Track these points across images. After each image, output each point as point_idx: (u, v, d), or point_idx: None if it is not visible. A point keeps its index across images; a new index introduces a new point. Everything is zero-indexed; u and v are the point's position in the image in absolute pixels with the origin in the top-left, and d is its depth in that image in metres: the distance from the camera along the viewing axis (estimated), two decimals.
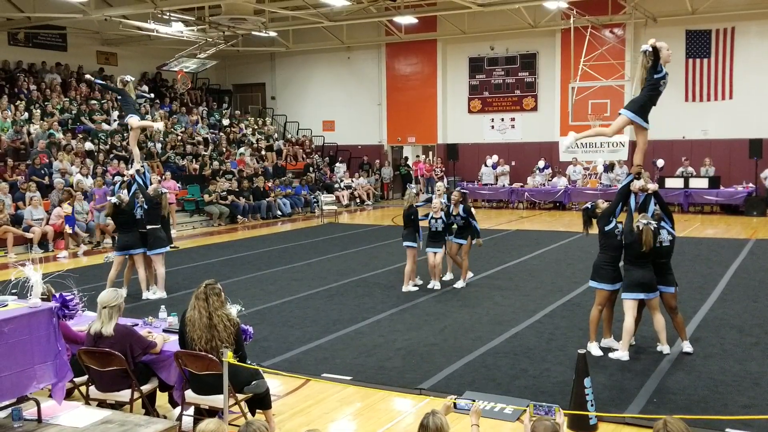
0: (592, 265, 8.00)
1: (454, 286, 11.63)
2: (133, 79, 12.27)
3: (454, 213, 11.52)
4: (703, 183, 22.25)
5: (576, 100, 23.11)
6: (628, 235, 7.57)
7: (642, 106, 7.63)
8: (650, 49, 7.41)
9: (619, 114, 7.79)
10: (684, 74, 23.95)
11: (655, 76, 7.51)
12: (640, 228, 7.48)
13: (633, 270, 7.63)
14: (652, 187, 7.81)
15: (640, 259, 7.57)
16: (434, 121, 28.66)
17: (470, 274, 12.03)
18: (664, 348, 7.83)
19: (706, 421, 5.88)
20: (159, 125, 13.44)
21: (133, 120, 11.83)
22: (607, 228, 7.76)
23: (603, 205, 8.10)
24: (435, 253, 11.49)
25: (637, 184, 7.72)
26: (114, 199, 11.11)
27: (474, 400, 4.66)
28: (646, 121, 7.68)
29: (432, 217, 11.44)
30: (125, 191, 11.49)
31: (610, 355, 7.73)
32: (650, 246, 7.46)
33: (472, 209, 11.77)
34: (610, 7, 23.79)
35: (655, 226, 7.60)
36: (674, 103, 24.18)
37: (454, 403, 4.69)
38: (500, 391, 6.79)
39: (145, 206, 11.07)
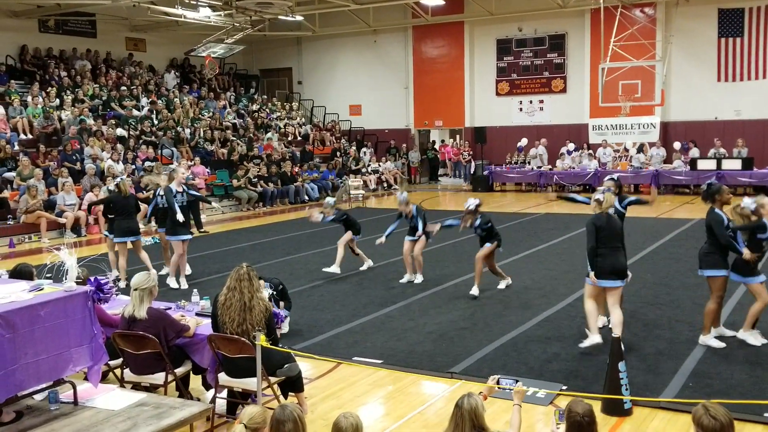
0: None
1: (498, 287, 10.88)
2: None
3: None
4: (735, 164, 21.82)
5: (606, 81, 22.75)
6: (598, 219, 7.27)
7: None
8: None
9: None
10: (716, 54, 23.44)
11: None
12: (600, 199, 7.29)
13: (606, 256, 7.18)
14: None
15: (609, 244, 7.19)
16: (462, 104, 28.44)
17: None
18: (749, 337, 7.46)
19: (744, 406, 5.78)
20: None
21: None
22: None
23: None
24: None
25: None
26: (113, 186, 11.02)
27: (517, 380, 4.67)
28: None
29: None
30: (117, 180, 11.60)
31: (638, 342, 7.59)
32: (611, 204, 7.33)
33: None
34: None
35: (611, 189, 7.62)
36: (706, 84, 23.75)
37: (498, 381, 4.70)
38: (532, 375, 6.73)
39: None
